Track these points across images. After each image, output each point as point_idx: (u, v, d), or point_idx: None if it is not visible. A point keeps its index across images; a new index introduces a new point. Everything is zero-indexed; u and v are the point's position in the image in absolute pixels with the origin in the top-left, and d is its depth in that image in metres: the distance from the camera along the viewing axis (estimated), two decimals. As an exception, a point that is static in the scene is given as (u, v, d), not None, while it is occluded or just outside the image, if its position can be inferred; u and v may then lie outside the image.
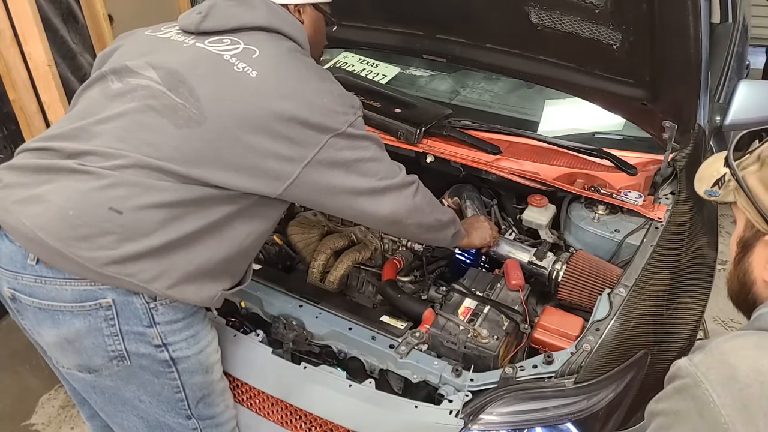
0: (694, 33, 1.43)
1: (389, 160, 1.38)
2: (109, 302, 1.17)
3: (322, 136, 1.24)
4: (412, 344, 1.45)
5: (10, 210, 1.15)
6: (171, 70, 1.25)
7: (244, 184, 1.23)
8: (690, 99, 1.65)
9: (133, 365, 1.23)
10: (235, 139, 1.20)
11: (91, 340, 1.19)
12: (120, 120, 1.21)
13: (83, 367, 1.24)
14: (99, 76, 1.32)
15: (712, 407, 0.75)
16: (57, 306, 1.18)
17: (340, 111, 1.27)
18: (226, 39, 1.30)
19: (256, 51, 1.27)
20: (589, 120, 2.11)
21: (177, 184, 1.18)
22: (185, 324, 1.26)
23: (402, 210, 1.39)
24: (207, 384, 1.34)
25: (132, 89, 1.25)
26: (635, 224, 1.69)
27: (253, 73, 1.23)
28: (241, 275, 1.38)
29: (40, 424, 2.40)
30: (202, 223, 1.21)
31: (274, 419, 1.47)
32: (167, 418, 1.33)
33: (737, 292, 0.99)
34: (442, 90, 2.48)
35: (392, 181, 1.35)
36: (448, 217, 1.56)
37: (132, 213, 1.14)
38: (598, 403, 1.29)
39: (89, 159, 1.17)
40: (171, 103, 1.21)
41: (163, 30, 1.40)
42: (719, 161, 1.05)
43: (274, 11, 1.37)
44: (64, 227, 1.12)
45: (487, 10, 1.78)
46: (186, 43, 1.32)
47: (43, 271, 1.17)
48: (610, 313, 1.39)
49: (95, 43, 2.89)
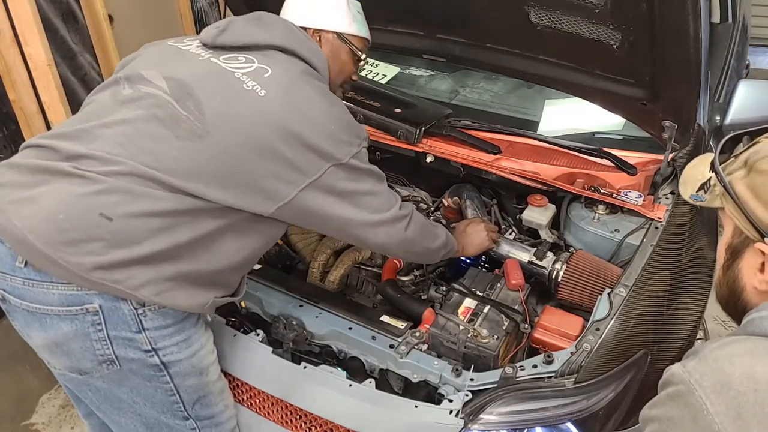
0: (694, 33, 1.43)
1: (387, 193, 1.37)
2: (96, 308, 1.16)
3: (323, 163, 1.23)
4: (412, 344, 1.45)
5: (4, 210, 1.14)
6: (181, 81, 1.25)
7: (236, 201, 1.22)
8: (690, 99, 1.65)
9: (124, 369, 1.22)
10: (235, 156, 1.20)
11: (79, 344, 1.19)
12: (123, 126, 1.21)
13: (74, 369, 1.24)
14: (113, 80, 1.33)
15: (705, 414, 0.75)
16: (44, 309, 1.17)
17: (346, 140, 1.27)
18: (241, 57, 1.30)
19: (269, 70, 1.27)
20: (589, 120, 2.11)
21: (170, 194, 1.17)
22: (176, 329, 1.24)
23: (392, 242, 1.39)
24: (202, 386, 1.33)
25: (141, 97, 1.25)
26: (635, 224, 1.69)
27: (262, 92, 1.23)
28: (234, 287, 1.36)
29: (40, 423, 2.40)
30: (193, 235, 1.20)
31: (274, 419, 1.47)
32: (164, 418, 1.32)
33: (726, 298, 0.98)
34: (442, 90, 2.48)
35: (385, 215, 1.34)
36: (438, 243, 1.54)
37: (122, 220, 1.13)
38: (598, 402, 1.28)
39: (86, 163, 1.17)
40: (176, 115, 1.20)
41: (185, 42, 1.40)
42: (703, 164, 1.03)
43: (292, 33, 1.38)
44: (53, 231, 1.11)
45: (487, 10, 1.78)
46: (202, 56, 1.32)
47: (31, 273, 1.16)
48: (610, 312, 1.38)
49: (95, 43, 2.89)
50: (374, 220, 1.33)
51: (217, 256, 1.25)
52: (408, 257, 1.62)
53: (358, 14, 1.55)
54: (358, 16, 1.55)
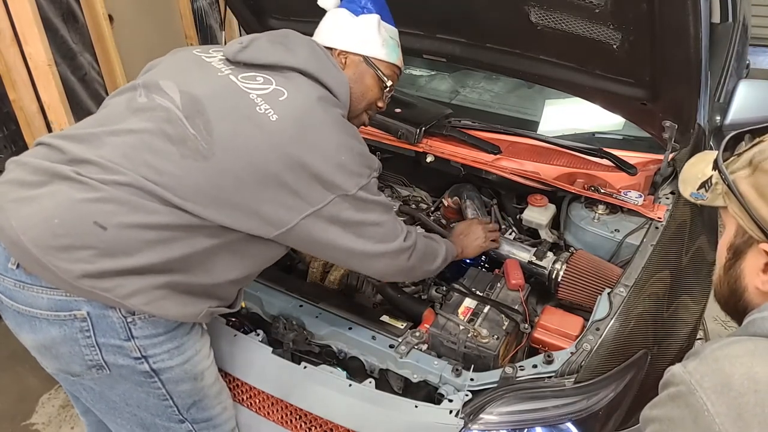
0: (694, 33, 1.43)
1: (392, 223, 1.34)
2: (84, 314, 1.15)
3: (329, 194, 1.21)
4: (412, 344, 1.45)
5: (4, 208, 1.14)
6: (195, 98, 1.23)
7: (233, 223, 1.20)
8: (690, 99, 1.64)
9: (114, 374, 1.21)
10: (237, 179, 1.18)
11: (67, 349, 1.18)
12: (131, 136, 1.20)
13: (64, 371, 1.23)
14: (131, 86, 1.32)
15: (706, 415, 0.75)
16: (34, 312, 1.17)
17: (356, 171, 1.24)
18: (260, 77, 1.28)
19: (285, 93, 1.25)
20: (589, 120, 2.11)
21: (167, 208, 1.15)
22: (167, 337, 1.22)
23: (392, 272, 1.39)
24: (197, 390, 1.31)
25: (153, 108, 1.23)
26: (635, 224, 1.69)
27: (274, 117, 1.20)
28: (231, 300, 1.34)
29: (40, 423, 2.40)
30: (187, 251, 1.18)
31: (274, 419, 1.47)
32: (158, 421, 1.31)
33: (727, 298, 0.97)
34: (442, 90, 2.48)
35: (388, 246, 1.32)
36: (438, 262, 1.52)
37: (116, 230, 1.12)
38: (598, 402, 1.28)
39: (88, 168, 1.16)
40: (184, 132, 1.19)
41: (211, 53, 1.38)
42: (703, 162, 1.02)
43: (315, 56, 1.35)
44: (46, 235, 1.11)
45: (487, 10, 1.77)
46: (221, 72, 1.30)
47: (22, 276, 1.16)
48: (610, 312, 1.38)
49: (95, 43, 2.89)
50: (377, 251, 1.31)
51: (211, 272, 1.23)
52: (407, 280, 1.63)
53: (390, 39, 1.49)
54: (390, 41, 1.49)
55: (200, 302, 1.24)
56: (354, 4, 1.46)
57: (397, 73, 1.55)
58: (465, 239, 1.70)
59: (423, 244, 1.44)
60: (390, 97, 1.56)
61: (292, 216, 1.21)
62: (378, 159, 1.34)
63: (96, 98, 2.98)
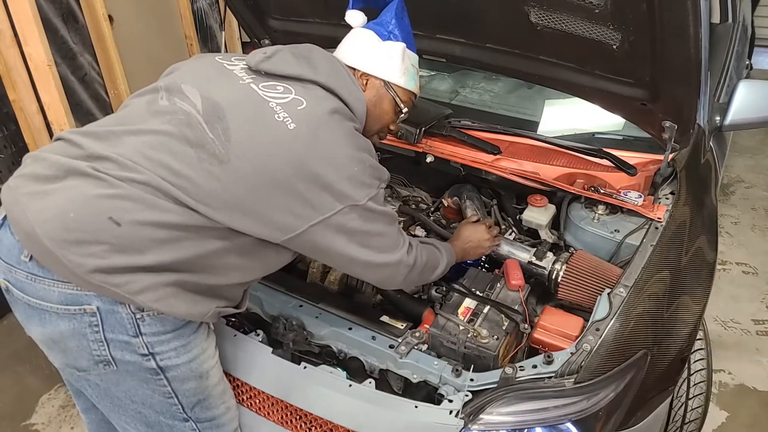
0: (694, 33, 1.43)
1: (396, 235, 1.37)
2: (94, 309, 1.16)
3: (338, 204, 1.24)
4: (412, 344, 1.45)
5: (20, 201, 1.15)
6: (216, 104, 1.25)
7: (244, 227, 1.22)
8: (690, 99, 1.64)
9: (120, 370, 1.22)
10: (250, 186, 1.20)
11: (75, 343, 1.19)
12: (150, 137, 1.22)
13: (71, 366, 1.24)
14: (153, 87, 1.34)
15: None
16: (44, 305, 1.18)
17: (366, 183, 1.27)
18: (280, 86, 1.31)
19: (304, 103, 1.27)
20: (589, 120, 2.11)
21: (180, 208, 1.17)
22: (175, 335, 1.24)
23: (391, 281, 1.41)
24: (202, 389, 1.32)
25: (174, 111, 1.25)
26: (635, 224, 1.69)
27: (291, 125, 1.23)
28: (238, 300, 1.36)
29: (40, 424, 2.40)
30: (197, 251, 1.20)
31: (274, 419, 1.47)
32: (162, 419, 1.32)
33: None
34: (442, 90, 2.48)
35: (391, 257, 1.34)
36: (438, 272, 1.53)
37: (130, 227, 1.14)
38: (598, 403, 1.29)
39: (105, 165, 1.17)
40: (203, 137, 1.21)
41: (233, 60, 1.40)
42: None
43: (336, 72, 1.39)
44: (60, 228, 1.12)
45: (487, 10, 1.78)
46: (243, 80, 1.32)
47: (35, 268, 1.17)
48: (610, 313, 1.39)
49: (95, 43, 2.89)
50: (379, 261, 1.33)
51: (220, 273, 1.25)
52: (406, 288, 1.67)
53: (411, 67, 1.54)
54: (411, 70, 1.54)
55: (208, 302, 1.25)
56: (381, 28, 1.49)
57: (413, 99, 1.60)
58: (468, 245, 1.70)
59: (424, 255, 1.46)
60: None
61: (301, 223, 1.23)
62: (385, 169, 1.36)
63: (96, 98, 2.98)
